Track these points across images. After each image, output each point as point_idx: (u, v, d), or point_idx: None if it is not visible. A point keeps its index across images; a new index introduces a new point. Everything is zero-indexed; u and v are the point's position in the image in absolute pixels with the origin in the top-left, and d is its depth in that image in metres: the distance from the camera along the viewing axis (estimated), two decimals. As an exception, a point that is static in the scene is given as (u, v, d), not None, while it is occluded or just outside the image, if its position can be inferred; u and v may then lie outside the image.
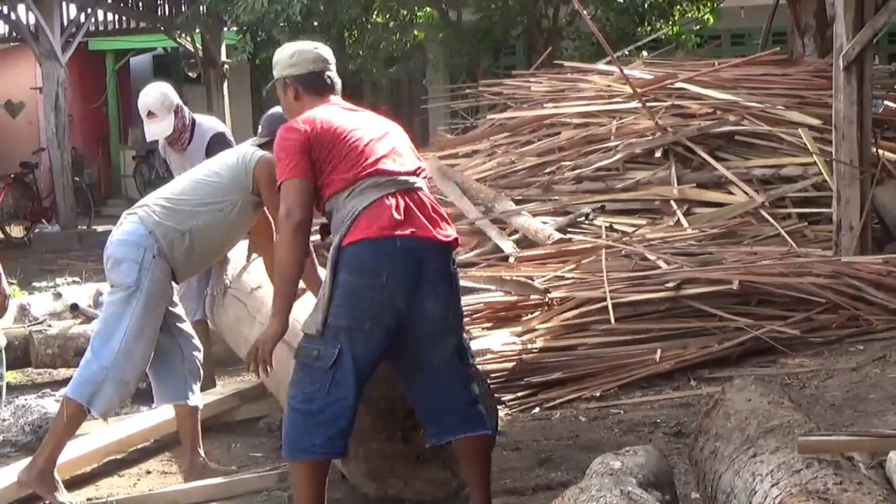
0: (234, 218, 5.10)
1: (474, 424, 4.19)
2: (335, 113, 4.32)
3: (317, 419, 4.01)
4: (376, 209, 4.06)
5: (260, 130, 5.42)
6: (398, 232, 4.03)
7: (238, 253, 6.18)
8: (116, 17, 20.79)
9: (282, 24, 15.89)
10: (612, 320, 6.58)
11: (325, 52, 4.59)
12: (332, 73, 4.54)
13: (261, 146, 5.23)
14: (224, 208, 5.06)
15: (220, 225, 5.09)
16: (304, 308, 5.25)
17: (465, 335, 4.29)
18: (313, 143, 4.16)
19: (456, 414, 4.17)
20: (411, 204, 4.11)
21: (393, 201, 4.08)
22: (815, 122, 9.28)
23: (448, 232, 4.17)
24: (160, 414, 5.82)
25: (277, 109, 5.46)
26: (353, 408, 4.05)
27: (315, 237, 4.44)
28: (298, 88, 4.47)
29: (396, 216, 4.05)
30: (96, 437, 5.61)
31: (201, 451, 5.23)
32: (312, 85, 4.47)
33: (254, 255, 6.08)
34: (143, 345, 4.95)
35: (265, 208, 5.16)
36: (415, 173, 4.22)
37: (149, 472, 5.48)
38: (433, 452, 4.64)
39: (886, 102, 10.14)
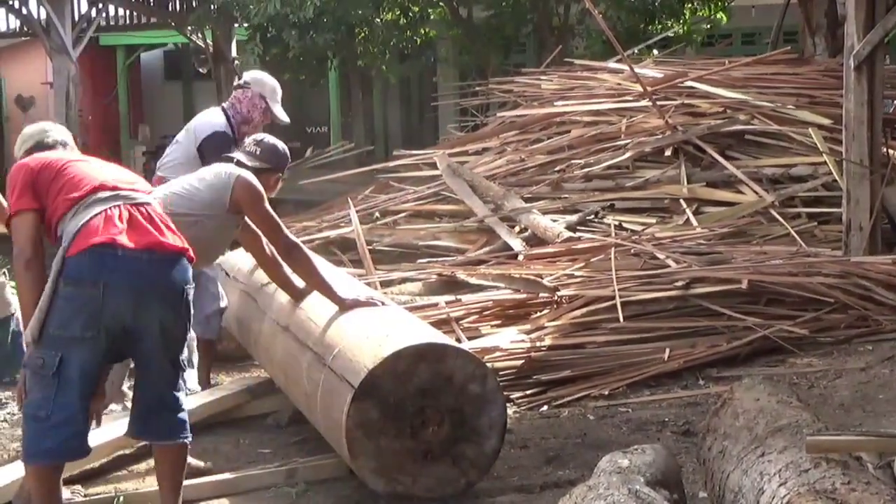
0: (209, 233, 5.10)
1: (174, 433, 4.27)
2: (59, 154, 4.42)
3: (46, 425, 4.06)
4: (99, 220, 4.08)
5: (258, 154, 5.43)
6: (120, 241, 4.04)
7: None
8: (127, 12, 20.82)
9: (292, 23, 15.93)
10: (621, 319, 6.58)
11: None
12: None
13: (253, 171, 5.27)
14: (198, 222, 5.05)
15: (199, 241, 4.90)
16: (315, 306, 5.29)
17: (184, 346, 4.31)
18: (37, 177, 4.22)
19: (160, 419, 4.24)
20: (137, 215, 4.14)
21: (116, 212, 4.11)
22: (826, 121, 9.27)
23: (176, 242, 4.19)
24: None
25: (275, 140, 5.60)
26: (80, 413, 4.10)
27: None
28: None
29: (119, 225, 4.07)
30: (105, 431, 5.61)
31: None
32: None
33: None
34: None
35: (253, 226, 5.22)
36: (139, 190, 4.29)
37: (128, 480, 5.47)
38: (443, 450, 4.65)
39: (897, 102, 10.12)
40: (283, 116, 6.56)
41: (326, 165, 16.76)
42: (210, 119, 6.46)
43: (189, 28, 18.82)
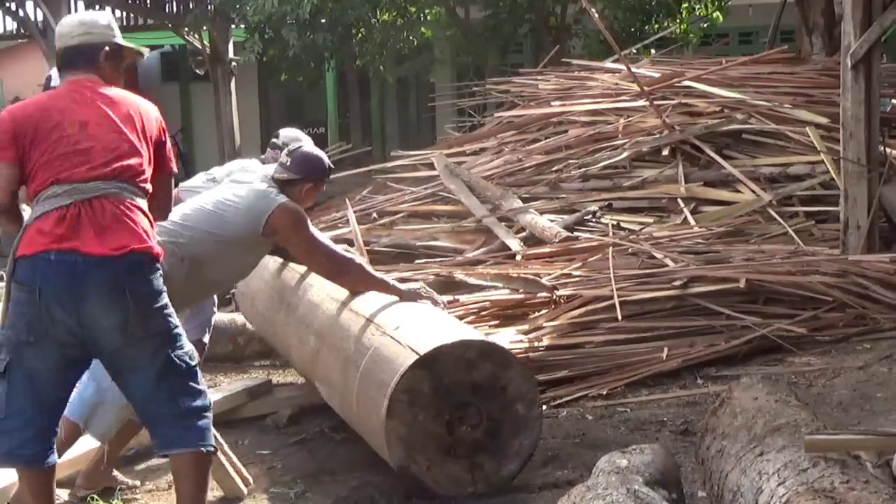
0: (237, 254, 5.02)
1: (181, 441, 4.07)
2: (48, 104, 4.17)
3: (1, 427, 4.01)
4: (43, 223, 3.96)
5: (288, 164, 5.28)
6: (55, 246, 3.91)
7: None
8: (124, 14, 20.82)
9: (290, 23, 15.93)
10: (619, 316, 6.58)
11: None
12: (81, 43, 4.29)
13: (283, 183, 5.16)
14: (229, 242, 4.96)
15: (223, 258, 4.98)
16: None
17: (174, 347, 4.05)
18: (18, 136, 4.05)
19: (164, 427, 4.08)
20: (85, 215, 3.95)
21: (63, 213, 3.95)
22: (823, 120, 9.27)
23: (121, 243, 3.95)
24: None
25: (312, 148, 5.44)
26: (34, 418, 4.01)
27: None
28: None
29: (58, 231, 3.93)
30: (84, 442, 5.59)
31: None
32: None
33: None
34: None
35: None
36: (110, 175, 4.02)
37: (157, 468, 5.48)
38: (466, 452, 4.67)
39: (894, 101, 10.11)
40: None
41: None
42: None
43: (186, 29, 18.81)
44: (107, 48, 4.26)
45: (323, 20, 16.34)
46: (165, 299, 4.07)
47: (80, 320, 3.91)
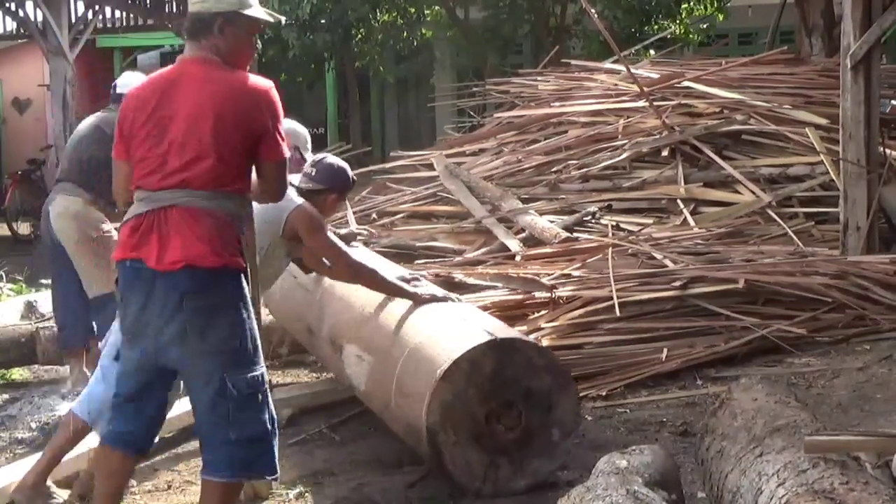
0: (262, 257, 5.05)
1: (219, 468, 3.99)
2: (146, 92, 4.11)
3: (110, 405, 4.19)
4: (124, 230, 4.06)
5: (314, 175, 5.33)
6: (131, 255, 3.97)
7: None
8: (124, 14, 20.80)
9: (290, 23, 15.93)
10: (618, 312, 6.58)
11: None
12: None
13: (307, 193, 5.21)
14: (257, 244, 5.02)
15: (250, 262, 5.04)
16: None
17: (232, 370, 3.93)
18: (123, 131, 4.13)
19: (210, 450, 4.02)
20: (154, 225, 3.94)
21: (138, 222, 3.98)
22: (823, 121, 9.27)
23: (178, 257, 3.88)
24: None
25: (335, 160, 5.48)
26: (127, 410, 4.10)
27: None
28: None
29: (132, 240, 3.98)
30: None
31: None
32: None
33: None
34: None
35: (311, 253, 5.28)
36: (181, 184, 3.94)
37: (156, 470, 5.48)
38: (490, 448, 4.71)
39: (894, 102, 10.11)
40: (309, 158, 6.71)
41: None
42: None
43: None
44: (221, 19, 4.06)
45: (323, 21, 16.34)
46: (231, 317, 3.94)
47: (150, 328, 3.95)
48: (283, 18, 4.60)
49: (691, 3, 16.61)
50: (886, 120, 9.02)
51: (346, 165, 5.44)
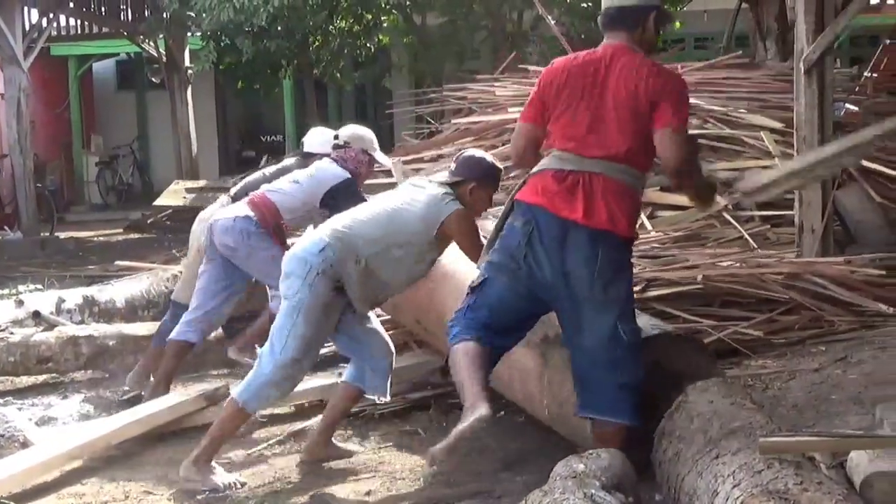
0: (406, 256, 5.21)
1: (606, 410, 4.54)
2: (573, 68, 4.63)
3: (464, 313, 4.64)
4: (542, 179, 4.57)
5: (453, 168, 5.45)
6: (546, 204, 4.53)
7: None
8: (79, 22, 20.69)
9: (247, 30, 15.88)
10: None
11: None
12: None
13: (451, 185, 5.33)
14: (400, 244, 5.21)
15: (394, 261, 5.21)
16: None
17: (623, 320, 4.53)
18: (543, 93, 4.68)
19: (594, 392, 4.56)
20: (575, 184, 4.49)
21: (559, 176, 4.54)
22: (777, 125, 9.33)
23: (601, 219, 4.45)
24: (122, 419, 5.84)
25: (476, 151, 5.60)
26: (487, 325, 4.56)
27: None
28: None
29: (552, 189, 4.53)
30: (54, 444, 5.55)
31: (335, 436, 5.58)
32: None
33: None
34: (303, 353, 5.15)
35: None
36: (604, 157, 4.48)
37: (112, 480, 5.43)
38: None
39: (847, 105, 10.21)
40: (386, 161, 6.91)
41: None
42: (334, 169, 6.64)
43: (141, 37, 18.72)
44: (655, 12, 4.64)
45: (280, 28, 16.29)
46: (629, 276, 4.62)
47: (562, 267, 4.46)
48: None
49: (647, 9, 16.68)
50: (840, 123, 9.09)
51: (485, 155, 5.58)
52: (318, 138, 7.29)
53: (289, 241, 6.41)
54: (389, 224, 5.22)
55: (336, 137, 6.76)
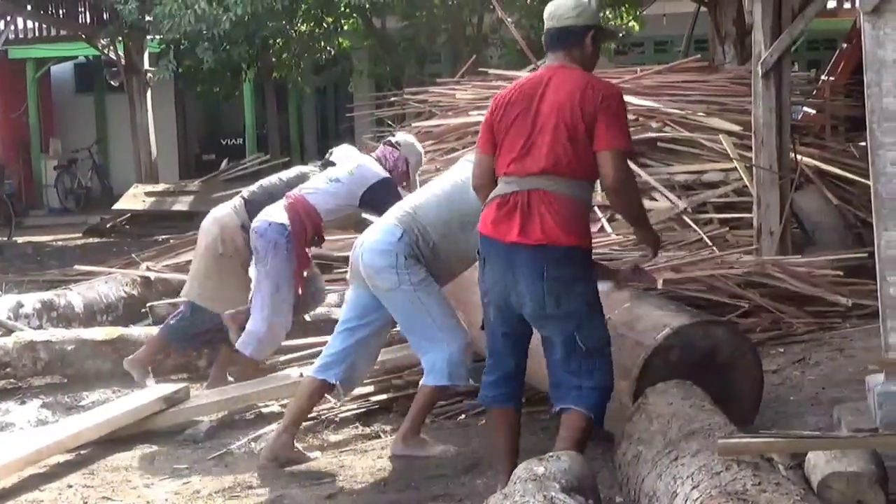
0: (464, 233, 5.23)
1: (570, 400, 4.57)
2: (515, 94, 4.66)
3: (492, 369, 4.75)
4: (491, 208, 4.58)
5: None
6: (490, 232, 4.56)
7: None
8: (37, 25, 20.54)
9: (207, 36, 15.81)
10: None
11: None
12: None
13: None
14: (454, 224, 5.32)
15: (454, 240, 5.35)
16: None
17: (580, 329, 4.52)
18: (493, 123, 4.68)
19: (561, 389, 4.60)
20: (515, 205, 4.48)
21: (502, 201, 4.54)
22: (736, 128, 9.39)
23: (539, 236, 4.43)
24: (79, 423, 5.79)
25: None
26: (496, 366, 4.71)
27: None
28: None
29: (496, 216, 4.55)
30: (10, 449, 5.50)
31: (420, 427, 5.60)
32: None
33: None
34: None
35: None
36: (540, 172, 4.47)
37: (70, 486, 5.39)
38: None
39: (805, 108, 10.30)
40: (409, 188, 6.82)
41: (241, 177, 16.64)
42: (373, 167, 6.63)
43: (100, 40, 18.60)
44: (593, 31, 4.66)
45: (240, 33, 16.23)
46: (585, 286, 4.52)
47: (516, 288, 4.49)
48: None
49: (607, 12, 16.74)
50: (798, 126, 9.17)
51: None
52: (345, 152, 7.30)
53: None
54: (451, 204, 5.35)
55: (393, 135, 6.77)
